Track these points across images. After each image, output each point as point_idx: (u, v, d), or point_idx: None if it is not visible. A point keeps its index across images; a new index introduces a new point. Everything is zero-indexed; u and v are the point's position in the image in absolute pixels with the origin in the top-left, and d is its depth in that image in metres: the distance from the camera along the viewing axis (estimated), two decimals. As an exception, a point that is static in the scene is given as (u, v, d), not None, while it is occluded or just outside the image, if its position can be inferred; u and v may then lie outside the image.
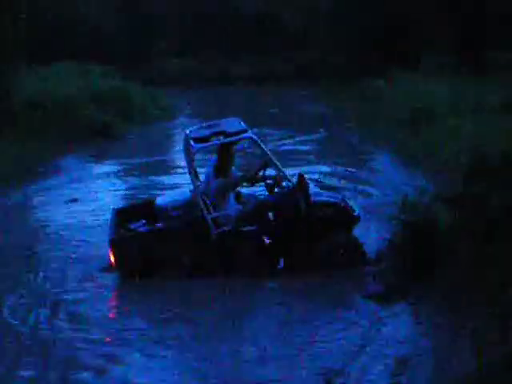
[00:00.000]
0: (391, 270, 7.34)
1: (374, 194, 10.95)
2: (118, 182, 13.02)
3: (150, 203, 8.43)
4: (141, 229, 7.98)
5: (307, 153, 15.15)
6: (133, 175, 13.52)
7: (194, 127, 8.36)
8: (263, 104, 22.92)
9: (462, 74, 18.03)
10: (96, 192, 11.93)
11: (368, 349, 6.09)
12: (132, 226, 8.06)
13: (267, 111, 21.50)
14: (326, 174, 12.10)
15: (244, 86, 26.48)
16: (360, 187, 11.32)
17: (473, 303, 6.13)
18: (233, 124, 8.12)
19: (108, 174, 13.55)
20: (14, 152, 13.33)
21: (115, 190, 12.13)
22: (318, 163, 13.79)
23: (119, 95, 19.18)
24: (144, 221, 8.12)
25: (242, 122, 8.13)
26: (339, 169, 13.04)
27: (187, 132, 8.16)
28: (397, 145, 13.70)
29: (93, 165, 14.50)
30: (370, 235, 8.37)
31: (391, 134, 14.64)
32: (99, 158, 15.11)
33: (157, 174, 13.48)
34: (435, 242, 6.96)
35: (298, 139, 16.43)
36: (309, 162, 13.79)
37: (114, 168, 14.21)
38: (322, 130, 17.58)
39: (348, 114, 18.95)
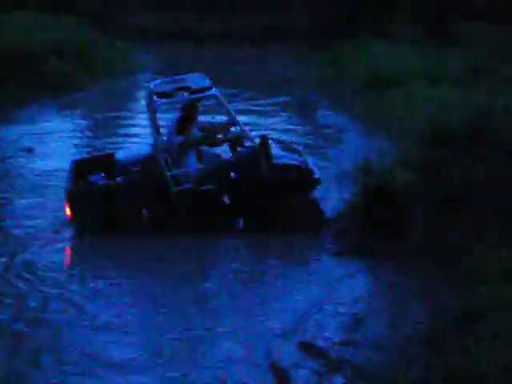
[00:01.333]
0: (350, 231, 7.42)
1: (335, 158, 10.98)
2: (77, 135, 12.79)
3: (110, 156, 8.32)
4: (99, 182, 7.90)
5: (267, 114, 15.09)
6: (93, 129, 13.27)
7: (158, 81, 8.21)
8: (229, 63, 22.72)
9: (428, 44, 18.10)
10: (54, 143, 11.71)
11: (324, 307, 6.18)
12: (91, 179, 7.97)
13: (232, 71, 21.30)
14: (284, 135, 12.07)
15: (213, 45, 26.19)
16: (321, 151, 11.34)
17: (431, 265, 6.27)
18: (198, 80, 8.00)
19: (68, 127, 13.32)
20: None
21: (75, 145, 11.90)
22: (278, 126, 13.74)
23: (83, 48, 18.78)
24: (103, 174, 8.03)
25: (207, 79, 8.02)
26: (299, 131, 13.06)
27: (151, 86, 8.03)
28: (359, 110, 13.74)
29: (52, 117, 14.23)
30: (331, 197, 8.41)
31: (354, 100, 14.67)
32: (59, 110, 14.84)
33: (117, 128, 13.26)
34: (395, 203, 7.05)
35: (260, 102, 16.32)
36: (269, 125, 13.74)
37: (74, 121, 13.96)
38: (284, 93, 17.50)
39: (311, 78, 18.90)
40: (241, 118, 8.23)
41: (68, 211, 7.64)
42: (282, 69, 21.50)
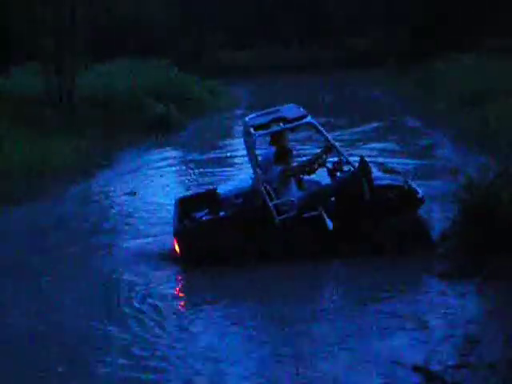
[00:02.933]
0: (457, 250, 7.29)
1: (438, 177, 10.82)
2: (177, 175, 13.15)
3: (212, 192, 8.51)
4: (205, 218, 8.05)
5: (370, 139, 15.03)
6: (191, 168, 13.61)
7: (253, 114, 8.36)
8: (318, 92, 22.82)
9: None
10: (155, 184, 12.14)
11: (436, 329, 6.10)
12: (196, 216, 8.14)
13: (326, 100, 21.38)
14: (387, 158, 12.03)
15: (298, 74, 26.38)
16: (424, 171, 11.23)
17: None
18: (292, 110, 8.09)
19: (167, 166, 13.75)
20: (78, 146, 13.65)
21: (174, 183, 12.25)
22: (380, 148, 13.68)
23: (176, 88, 19.40)
24: (207, 210, 8.19)
25: (301, 108, 8.09)
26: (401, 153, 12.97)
27: (246, 119, 8.17)
28: (460, 127, 13.51)
29: (152, 157, 14.72)
30: (435, 216, 8.29)
31: (453, 117, 14.45)
32: (158, 150, 15.33)
33: (215, 166, 13.53)
34: (498, 219, 6.89)
35: (360, 128, 16.28)
36: (371, 149, 13.69)
37: (173, 161, 14.40)
38: (383, 117, 17.40)
39: (408, 99, 18.76)
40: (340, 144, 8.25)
41: (177, 248, 7.82)
42: (373, 94, 21.42)
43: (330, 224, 7.68)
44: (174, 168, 13.59)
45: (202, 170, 13.22)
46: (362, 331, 6.16)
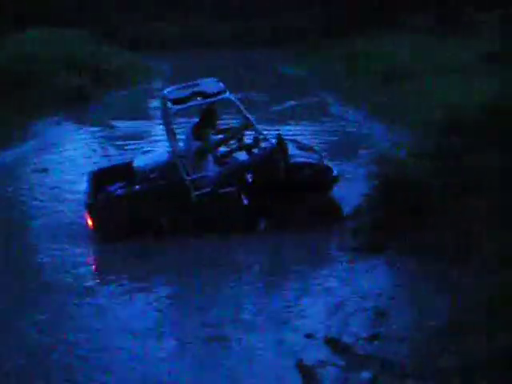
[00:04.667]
0: (368, 225, 7.40)
1: (351, 153, 10.97)
2: (92, 147, 12.84)
3: (127, 165, 8.36)
4: (118, 191, 7.93)
5: (284, 115, 15.07)
6: (106, 142, 13.28)
7: (171, 88, 8.24)
8: (242, 67, 22.73)
9: (438, 33, 18.03)
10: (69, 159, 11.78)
11: (347, 302, 6.17)
12: (109, 189, 8.01)
13: (247, 75, 21.32)
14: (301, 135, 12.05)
15: (222, 49, 26.21)
16: (337, 147, 11.34)
17: (450, 255, 6.23)
18: (211, 84, 8.02)
19: (82, 140, 13.42)
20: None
21: (89, 157, 11.95)
22: (293, 124, 13.73)
23: (95, 60, 18.92)
24: (121, 183, 8.06)
25: (220, 82, 8.04)
26: (314, 128, 13.04)
27: (164, 93, 8.06)
28: (373, 104, 13.70)
29: (67, 130, 14.34)
30: (350, 192, 8.38)
31: (366, 93, 14.63)
32: (73, 123, 14.95)
33: (130, 140, 13.22)
34: (410, 195, 7.02)
35: (278, 104, 16.29)
36: (286, 124, 13.73)
37: (88, 134, 14.06)
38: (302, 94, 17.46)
39: (323, 75, 18.87)
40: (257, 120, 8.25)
41: (89, 222, 7.71)
42: (294, 71, 21.47)
43: (244, 200, 7.73)
44: (87, 142, 13.22)
45: (116, 143, 12.96)
46: (272, 306, 6.19)
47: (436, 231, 6.67)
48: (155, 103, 14.84)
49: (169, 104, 7.70)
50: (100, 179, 8.23)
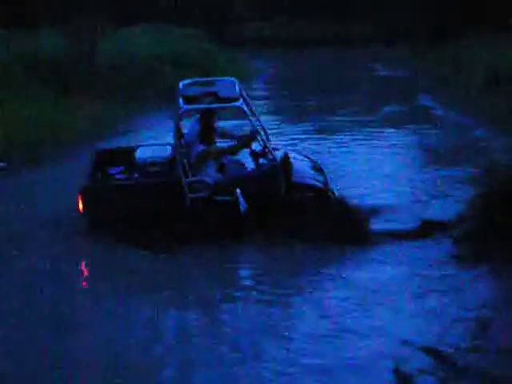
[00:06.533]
0: (472, 233, 7.19)
1: (458, 158, 10.65)
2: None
3: (132, 151, 8.25)
4: (117, 176, 7.84)
5: (386, 118, 14.81)
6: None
7: (188, 81, 8.05)
8: (342, 68, 22.59)
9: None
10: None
11: (448, 311, 6.01)
12: (110, 171, 7.94)
13: (345, 76, 21.16)
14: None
15: (324, 49, 26.10)
16: (443, 152, 11.09)
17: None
18: (227, 87, 7.78)
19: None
20: (95, 112, 13.56)
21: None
22: (396, 128, 13.48)
23: (199, 58, 19.28)
24: (123, 168, 7.98)
25: (237, 86, 7.82)
26: (416, 132, 12.79)
27: (180, 86, 7.87)
28: (478, 106, 13.29)
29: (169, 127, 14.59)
30: (454, 199, 8.20)
31: (471, 96, 14.23)
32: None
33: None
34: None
35: (379, 106, 16.04)
36: (387, 128, 13.47)
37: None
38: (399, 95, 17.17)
39: (426, 79, 18.50)
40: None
41: (80, 205, 7.49)
42: (396, 73, 21.15)
43: (243, 206, 7.38)
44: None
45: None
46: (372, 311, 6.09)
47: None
48: (259, 104, 14.91)
49: (180, 101, 7.50)
50: (103, 160, 8.12)
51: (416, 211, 8.18)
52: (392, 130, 13.11)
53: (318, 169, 8.28)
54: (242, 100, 7.55)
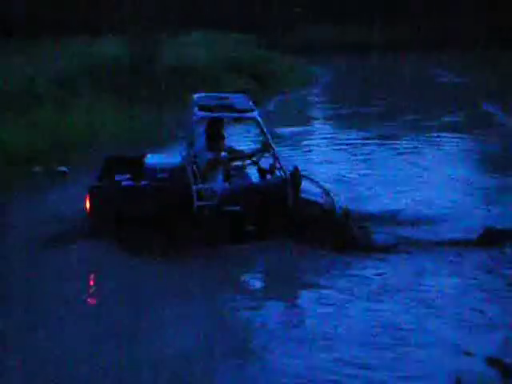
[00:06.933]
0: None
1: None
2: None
3: (140, 158, 8.13)
4: (123, 183, 7.72)
5: (448, 124, 14.57)
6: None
7: (202, 94, 8.08)
8: (402, 73, 22.34)
9: None
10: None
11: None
12: (117, 178, 7.83)
13: (406, 80, 20.91)
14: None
15: (383, 54, 25.85)
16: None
17: None
18: (241, 100, 7.83)
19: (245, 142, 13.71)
20: (154, 115, 13.75)
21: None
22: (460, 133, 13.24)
23: (257, 63, 19.36)
24: (129, 175, 7.87)
25: (250, 100, 7.84)
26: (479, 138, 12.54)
27: (194, 97, 7.89)
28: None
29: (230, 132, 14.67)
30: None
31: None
32: (235, 124, 15.28)
33: (291, 146, 13.18)
34: None
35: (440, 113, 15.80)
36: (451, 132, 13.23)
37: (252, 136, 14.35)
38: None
39: (488, 84, 18.17)
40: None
41: (87, 205, 7.41)
42: (457, 79, 20.82)
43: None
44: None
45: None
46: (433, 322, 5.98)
47: None
48: (313, 110, 14.92)
49: (195, 109, 7.49)
50: (111, 166, 8.05)
51: (480, 219, 8.02)
52: (457, 135, 12.86)
53: (326, 192, 8.21)
54: (256, 111, 7.58)
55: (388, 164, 10.92)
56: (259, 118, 7.48)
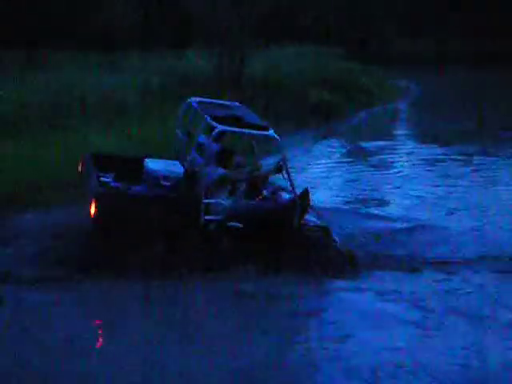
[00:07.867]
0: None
1: None
2: (333, 163, 13.00)
3: (138, 161, 8.02)
4: (132, 191, 7.62)
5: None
6: (352, 160, 13.42)
7: (197, 99, 7.93)
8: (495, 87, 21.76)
9: None
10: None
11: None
12: (102, 178, 7.70)
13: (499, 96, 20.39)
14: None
15: (475, 66, 25.16)
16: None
17: None
18: (246, 112, 7.75)
19: (329, 155, 13.76)
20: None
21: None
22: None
23: (343, 76, 19.38)
24: (113, 175, 7.77)
25: (253, 113, 7.77)
26: None
27: (193, 104, 7.78)
28: None
29: (316, 145, 14.74)
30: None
31: None
32: (323, 137, 15.35)
33: (376, 164, 13.16)
34: None
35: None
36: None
37: (335, 150, 14.39)
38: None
39: None
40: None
41: (92, 210, 7.08)
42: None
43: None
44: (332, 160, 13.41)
45: (362, 165, 12.99)
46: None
47: None
48: (399, 125, 14.76)
49: (211, 120, 7.31)
50: (96, 163, 7.86)
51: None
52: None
53: (319, 213, 8.13)
54: (271, 130, 7.47)
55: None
56: (277, 136, 7.33)
